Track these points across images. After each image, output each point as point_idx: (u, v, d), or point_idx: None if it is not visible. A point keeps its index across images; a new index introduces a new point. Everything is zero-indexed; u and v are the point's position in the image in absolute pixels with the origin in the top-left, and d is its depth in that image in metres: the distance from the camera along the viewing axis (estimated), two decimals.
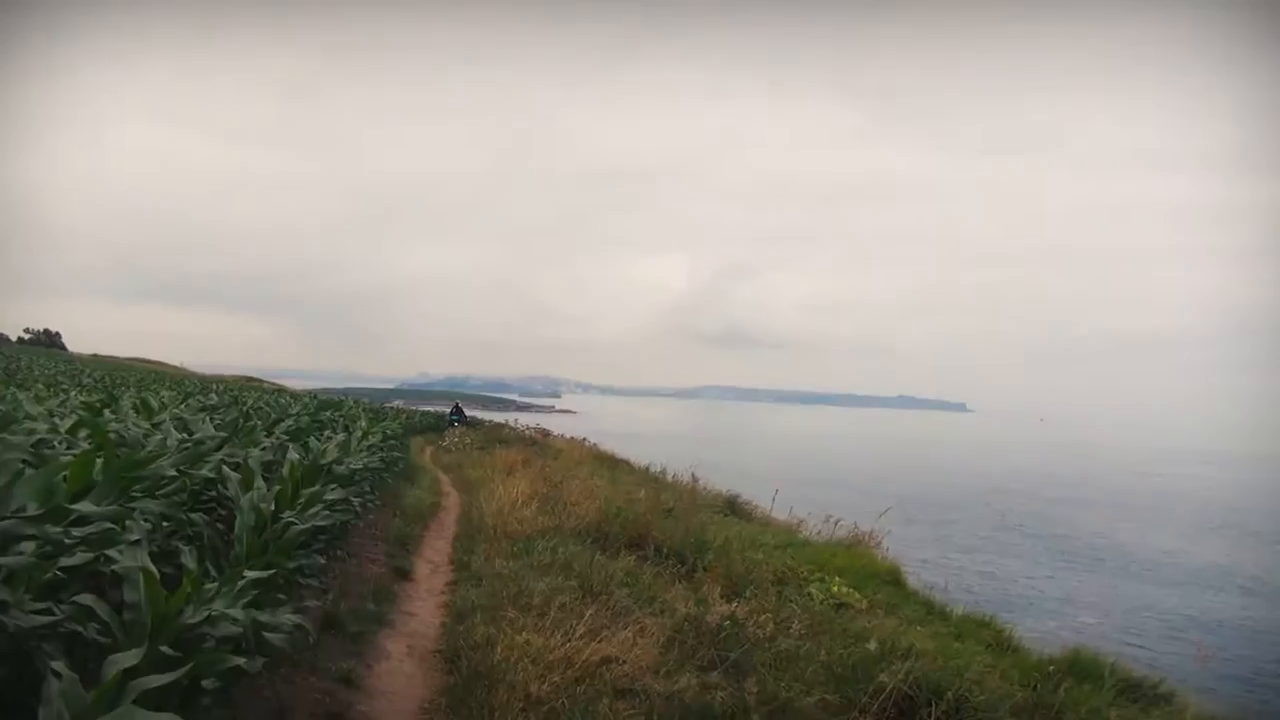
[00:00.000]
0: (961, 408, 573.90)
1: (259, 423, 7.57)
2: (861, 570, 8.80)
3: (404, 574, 7.23)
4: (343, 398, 34.63)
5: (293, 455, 5.74)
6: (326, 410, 11.81)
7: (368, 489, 7.45)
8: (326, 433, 8.59)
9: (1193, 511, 44.51)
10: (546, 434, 30.24)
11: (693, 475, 14.96)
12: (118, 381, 26.43)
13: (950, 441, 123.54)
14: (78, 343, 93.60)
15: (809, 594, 6.82)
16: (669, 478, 16.25)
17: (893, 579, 9.18)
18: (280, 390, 58.16)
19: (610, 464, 23.59)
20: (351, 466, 6.78)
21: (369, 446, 8.59)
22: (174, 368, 74.57)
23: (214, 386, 27.71)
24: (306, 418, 9.01)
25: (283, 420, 8.59)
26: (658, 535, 7.93)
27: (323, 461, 5.83)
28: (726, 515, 12.99)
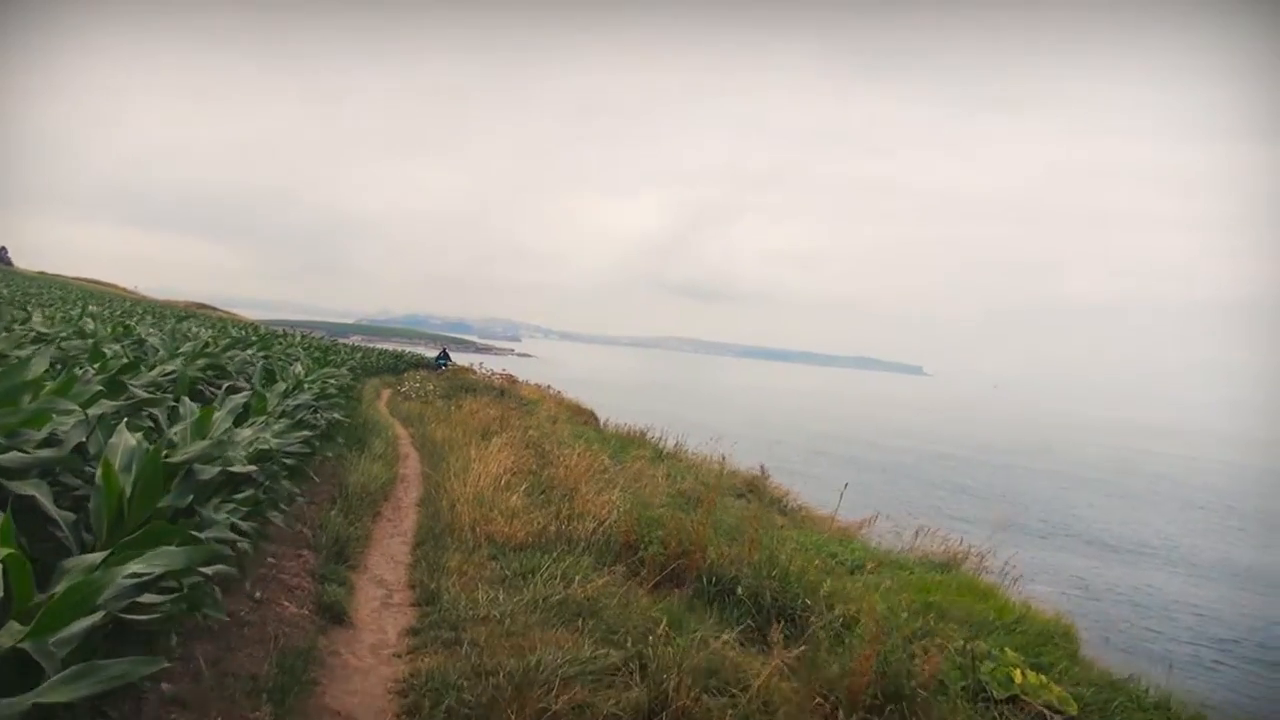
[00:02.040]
0: (918, 370, 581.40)
1: (92, 366, 4.61)
2: (1016, 627, 6.38)
3: (337, 616, 4.62)
4: (290, 330, 31.13)
5: (127, 439, 3.05)
6: (251, 348, 8.84)
7: (282, 476, 4.74)
8: (227, 386, 5.75)
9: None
10: (513, 380, 27.75)
11: (722, 457, 12.40)
12: (29, 300, 23.04)
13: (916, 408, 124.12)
14: (26, 259, 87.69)
15: (992, 691, 4.42)
16: (671, 446, 13.80)
17: (1065, 636, 6.73)
18: (230, 320, 54.63)
19: (587, 420, 21.21)
20: (259, 447, 4.11)
21: (296, 408, 5.87)
22: (124, 290, 69.49)
23: (131, 310, 24.30)
24: (204, 361, 6.09)
25: (157, 364, 5.61)
26: (716, 561, 5.39)
27: (177, 457, 3.17)
28: (748, 500, 10.58)
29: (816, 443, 51.06)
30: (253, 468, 3.57)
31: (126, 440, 3.06)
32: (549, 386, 27.71)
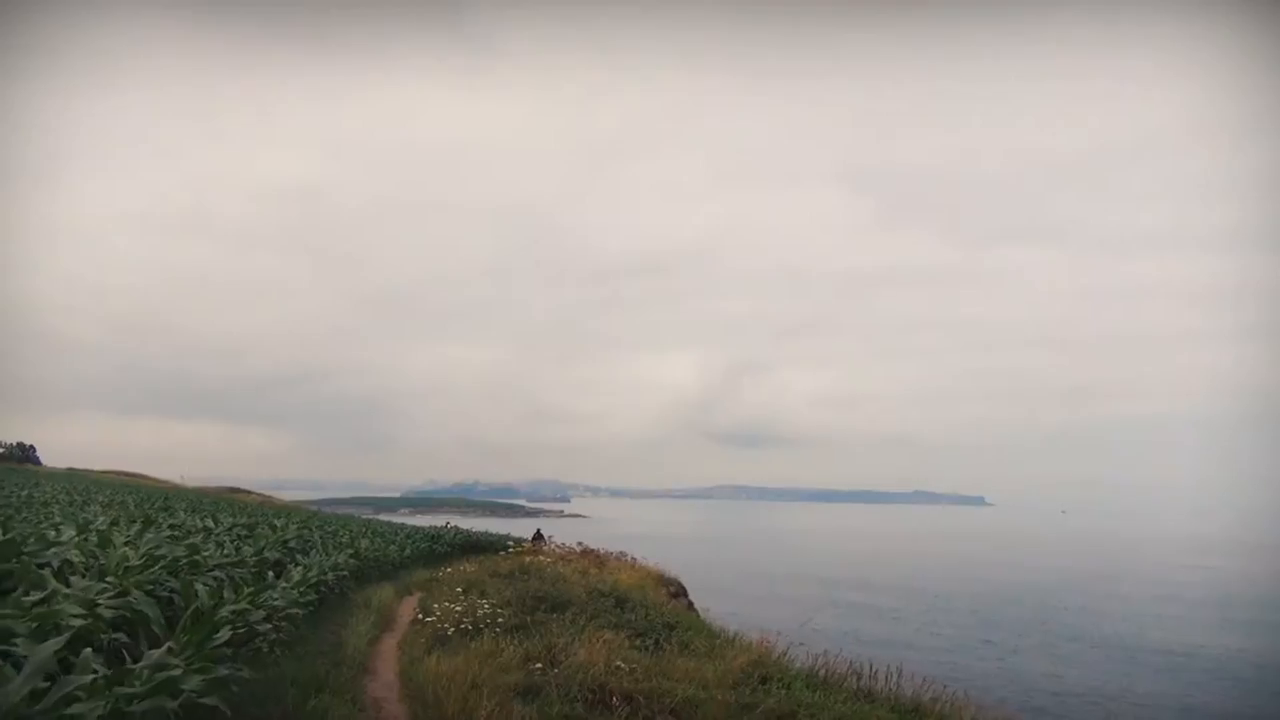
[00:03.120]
0: (980, 501, 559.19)
1: None
2: None
3: None
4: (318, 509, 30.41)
5: None
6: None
7: None
8: None
9: None
10: (597, 557, 23.87)
11: None
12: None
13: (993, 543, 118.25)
14: (60, 457, 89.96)
15: None
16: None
17: None
18: (265, 503, 54.48)
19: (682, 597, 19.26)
20: None
21: None
22: (156, 480, 70.81)
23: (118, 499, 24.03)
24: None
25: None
26: None
27: None
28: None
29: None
30: None
31: None
32: (625, 554, 25.89)
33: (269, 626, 6.17)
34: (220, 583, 6.85)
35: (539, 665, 8.03)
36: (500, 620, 10.47)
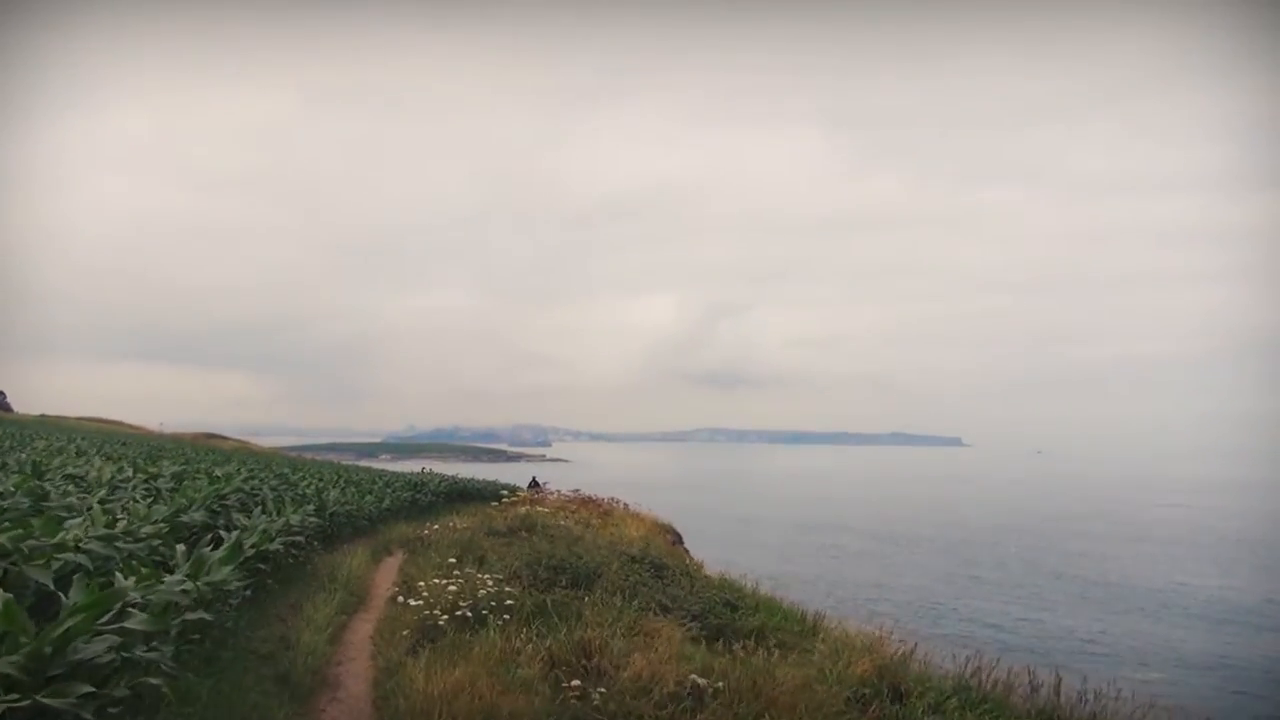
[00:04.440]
0: (957, 442, 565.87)
1: None
2: None
3: None
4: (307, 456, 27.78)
5: None
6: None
7: None
8: None
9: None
10: (601, 505, 21.84)
11: None
12: None
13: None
14: (33, 404, 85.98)
15: None
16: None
17: None
18: (241, 448, 51.87)
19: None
20: None
21: None
22: (131, 427, 67.53)
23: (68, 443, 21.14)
24: None
25: None
26: None
27: None
28: None
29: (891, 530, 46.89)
30: None
31: None
32: (615, 499, 23.77)
33: (143, 653, 3.49)
34: (75, 574, 4.16)
35: (575, 683, 5.44)
36: (509, 602, 7.51)
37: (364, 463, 56.61)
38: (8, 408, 79.08)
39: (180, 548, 5.44)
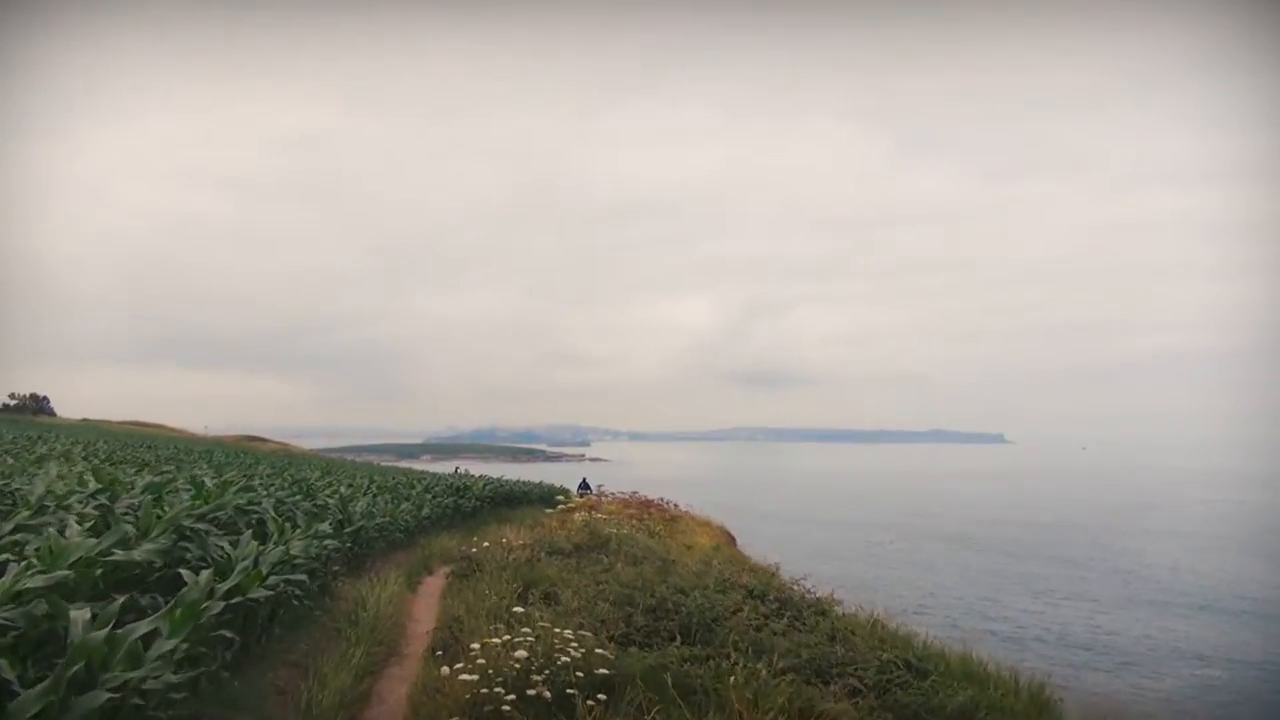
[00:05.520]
0: (1000, 439, 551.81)
1: None
2: None
3: None
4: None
5: None
6: None
7: None
8: None
9: None
10: (665, 509, 20.20)
11: None
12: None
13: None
14: (76, 409, 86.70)
15: None
16: None
17: None
18: (281, 450, 50.72)
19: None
20: None
21: None
22: (171, 430, 67.27)
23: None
24: None
25: None
26: None
27: None
28: None
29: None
30: None
31: None
32: (666, 501, 21.56)
33: None
34: None
35: None
36: (603, 671, 5.17)
37: (404, 464, 55.26)
38: (51, 412, 79.73)
39: (83, 615, 3.29)
